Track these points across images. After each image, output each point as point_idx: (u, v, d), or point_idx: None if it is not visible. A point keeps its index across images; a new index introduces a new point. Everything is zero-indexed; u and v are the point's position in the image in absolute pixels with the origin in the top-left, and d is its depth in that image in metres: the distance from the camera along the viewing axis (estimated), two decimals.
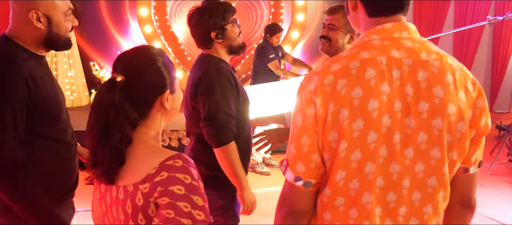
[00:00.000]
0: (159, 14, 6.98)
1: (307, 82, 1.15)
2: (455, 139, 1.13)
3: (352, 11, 1.25)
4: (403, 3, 1.18)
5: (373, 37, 1.16)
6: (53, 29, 1.78)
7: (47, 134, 1.81)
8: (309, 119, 1.12)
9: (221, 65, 2.23)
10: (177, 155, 1.20)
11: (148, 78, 1.26)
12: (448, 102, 1.10)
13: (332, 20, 2.28)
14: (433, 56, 1.13)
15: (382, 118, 1.08)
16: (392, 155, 1.11)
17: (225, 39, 2.24)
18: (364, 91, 1.08)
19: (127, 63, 1.27)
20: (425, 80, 1.10)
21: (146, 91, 1.26)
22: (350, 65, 1.11)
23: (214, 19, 2.19)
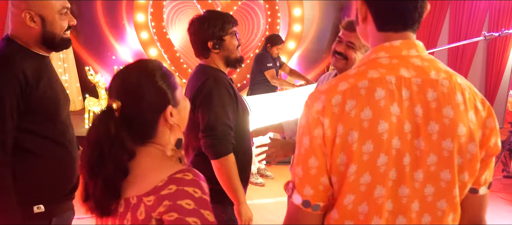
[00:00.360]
0: (155, 20, 6.98)
1: (313, 101, 1.11)
2: (466, 160, 1.09)
3: (362, 22, 1.20)
4: (414, 20, 1.13)
5: (381, 55, 1.12)
6: (47, 28, 1.80)
7: (41, 133, 1.82)
8: (317, 140, 1.07)
9: (220, 75, 2.19)
10: (188, 168, 1.15)
11: (146, 97, 1.19)
12: (458, 122, 1.07)
13: (352, 37, 2.19)
14: (442, 75, 1.10)
15: (392, 140, 1.04)
16: (401, 178, 1.07)
17: (222, 50, 2.20)
18: (374, 113, 1.04)
19: (122, 85, 1.21)
20: (435, 100, 1.07)
21: (146, 111, 1.21)
22: (358, 85, 1.06)
23: (212, 28, 2.16)
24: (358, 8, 1.19)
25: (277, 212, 4.50)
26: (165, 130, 1.24)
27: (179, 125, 1.26)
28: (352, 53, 2.19)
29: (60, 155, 1.88)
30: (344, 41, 2.21)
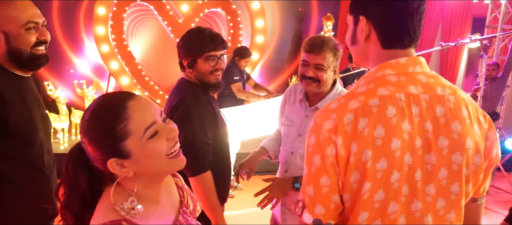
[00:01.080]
0: (116, 33, 6.85)
1: (323, 120, 1.10)
2: (471, 172, 1.12)
3: (364, 41, 1.19)
4: (417, 36, 1.16)
5: (387, 72, 1.14)
6: (12, 43, 1.74)
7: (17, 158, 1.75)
8: (330, 159, 1.07)
9: (198, 91, 2.17)
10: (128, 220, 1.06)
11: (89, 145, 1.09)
12: (466, 136, 1.10)
13: (319, 60, 2.12)
14: (447, 91, 1.13)
15: (404, 156, 1.06)
16: (414, 193, 1.08)
17: (194, 70, 2.17)
18: (386, 131, 1.05)
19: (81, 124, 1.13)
20: (443, 115, 1.09)
21: (94, 158, 1.10)
22: (369, 103, 1.07)
23: (189, 47, 2.14)
24: (358, 28, 1.19)
25: (248, 223, 4.48)
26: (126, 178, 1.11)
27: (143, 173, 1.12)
28: (323, 74, 2.14)
29: (36, 180, 1.81)
30: (312, 65, 2.15)
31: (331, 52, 2.13)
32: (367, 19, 1.16)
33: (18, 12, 1.73)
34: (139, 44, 7.76)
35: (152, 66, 7.93)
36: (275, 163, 2.51)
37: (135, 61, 7.12)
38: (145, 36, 7.80)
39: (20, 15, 1.74)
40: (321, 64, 2.12)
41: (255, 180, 2.38)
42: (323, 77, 2.14)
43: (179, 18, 7.21)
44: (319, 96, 2.23)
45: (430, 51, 3.98)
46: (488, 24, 7.81)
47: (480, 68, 7.25)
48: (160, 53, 7.87)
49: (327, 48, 2.12)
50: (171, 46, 7.53)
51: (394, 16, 1.13)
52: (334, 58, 2.15)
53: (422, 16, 1.15)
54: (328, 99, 2.21)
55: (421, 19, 1.15)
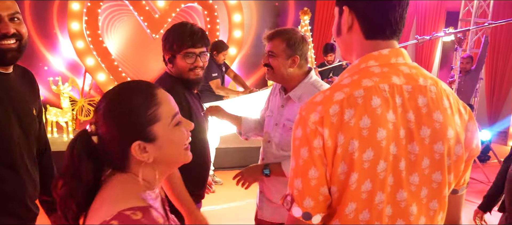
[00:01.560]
0: (91, 28, 6.73)
1: (309, 112, 1.10)
2: (452, 162, 1.14)
3: (347, 32, 1.20)
4: (400, 28, 1.17)
5: (371, 64, 1.14)
6: None
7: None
8: (317, 151, 1.07)
9: (178, 86, 2.15)
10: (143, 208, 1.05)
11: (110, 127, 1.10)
12: (447, 126, 1.11)
13: (271, 47, 2.24)
14: (429, 82, 1.14)
15: (389, 146, 1.07)
16: (399, 183, 1.09)
17: (174, 67, 2.17)
18: (372, 121, 1.06)
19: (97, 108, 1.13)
20: (425, 105, 1.10)
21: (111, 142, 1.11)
22: (355, 94, 1.08)
23: (170, 43, 2.12)
24: (342, 18, 1.20)
25: (229, 218, 4.49)
26: (141, 164, 1.12)
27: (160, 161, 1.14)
28: (273, 60, 2.23)
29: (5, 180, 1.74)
30: (267, 52, 2.27)
31: (284, 40, 2.21)
32: (350, 10, 1.18)
33: None
34: (115, 40, 7.65)
35: (128, 62, 7.83)
36: (253, 159, 2.54)
37: (111, 57, 7.01)
38: (121, 32, 7.69)
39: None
40: (271, 50, 2.24)
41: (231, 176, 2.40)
42: (273, 63, 2.24)
43: (155, 13, 7.13)
44: (292, 85, 2.29)
45: (406, 44, 4.05)
46: (461, 17, 7.96)
47: (455, 61, 7.40)
48: (136, 49, 7.78)
49: (278, 36, 2.23)
50: (148, 42, 7.45)
51: (376, 7, 1.14)
52: (288, 47, 2.21)
53: (405, 9, 1.16)
54: (300, 88, 2.26)
55: (404, 11, 1.16)
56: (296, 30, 2.31)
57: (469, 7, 7.87)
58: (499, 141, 8.74)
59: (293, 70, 2.25)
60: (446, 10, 9.53)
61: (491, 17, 7.65)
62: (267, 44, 2.28)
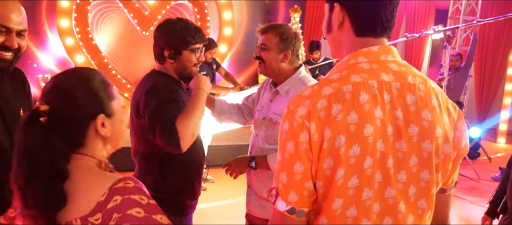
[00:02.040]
0: (80, 25, 6.69)
1: (296, 106, 1.10)
2: (441, 160, 1.14)
3: (337, 29, 1.20)
4: (390, 26, 1.17)
5: (360, 60, 1.14)
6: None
7: None
8: (303, 145, 1.07)
9: (170, 82, 2.14)
10: (125, 177, 1.09)
11: (77, 101, 1.13)
12: (436, 125, 1.11)
13: (264, 40, 2.26)
14: (418, 80, 1.14)
15: (376, 143, 1.06)
16: (387, 179, 1.09)
17: (177, 62, 2.14)
18: (360, 116, 1.05)
19: (53, 88, 1.14)
20: (414, 103, 1.10)
21: (75, 117, 1.14)
22: (343, 89, 1.08)
23: (174, 38, 2.09)
24: (333, 15, 1.20)
25: (221, 216, 4.49)
26: (95, 142, 1.17)
27: (112, 138, 1.20)
28: (265, 53, 2.25)
29: None
30: (259, 45, 2.29)
31: (277, 34, 2.24)
32: (341, 7, 1.17)
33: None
34: (104, 37, 7.60)
35: (118, 60, 7.79)
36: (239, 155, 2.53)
37: (101, 54, 6.98)
38: (110, 29, 7.64)
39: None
40: (264, 43, 2.26)
41: (224, 173, 2.40)
42: (265, 56, 2.26)
43: (145, 10, 7.10)
44: (281, 80, 2.31)
45: (396, 42, 4.07)
46: (450, 15, 8.01)
47: (444, 58, 7.45)
48: (126, 46, 7.74)
49: (272, 30, 2.25)
50: (138, 39, 7.41)
51: (367, 5, 1.14)
52: (281, 41, 2.24)
53: (395, 7, 1.16)
54: (288, 82, 2.28)
55: (395, 10, 1.16)
56: (290, 26, 2.33)
57: (458, 5, 7.92)
58: (488, 138, 8.83)
59: (284, 65, 2.27)
60: (435, 8, 9.59)
61: (480, 15, 7.71)
62: (260, 37, 2.29)
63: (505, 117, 8.64)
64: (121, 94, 6.88)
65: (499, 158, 7.31)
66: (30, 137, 1.07)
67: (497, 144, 8.56)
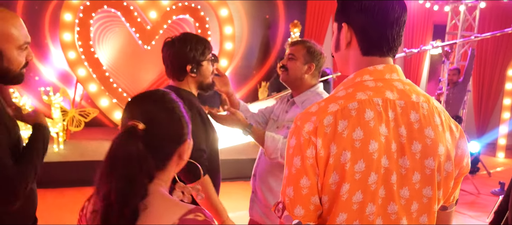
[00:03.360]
0: (82, 39, 6.75)
1: (303, 122, 1.13)
2: (442, 178, 1.16)
3: (345, 48, 1.24)
4: (396, 46, 1.21)
5: (365, 78, 1.18)
6: (3, 62, 1.63)
7: None
8: (309, 160, 1.09)
9: (192, 99, 2.16)
10: (196, 208, 1.08)
11: (169, 127, 1.14)
12: (438, 142, 1.14)
13: (292, 50, 2.37)
14: (422, 99, 1.17)
15: (381, 159, 1.09)
16: (390, 195, 1.11)
17: (198, 75, 2.18)
18: (365, 133, 1.08)
19: (144, 110, 1.13)
20: (417, 121, 1.13)
21: (166, 141, 1.14)
22: (349, 106, 1.11)
23: (194, 52, 2.12)
24: (341, 34, 1.24)
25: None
26: (172, 167, 1.18)
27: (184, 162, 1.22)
28: (292, 63, 2.34)
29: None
30: (287, 55, 2.39)
31: (305, 47, 2.36)
32: (349, 26, 1.21)
33: (17, 32, 1.64)
34: (106, 50, 7.66)
35: (120, 73, 7.84)
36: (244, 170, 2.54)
37: (103, 67, 7.03)
38: (112, 43, 7.71)
39: (18, 35, 1.64)
40: (292, 53, 2.36)
41: (227, 187, 2.41)
42: (291, 65, 2.35)
43: (147, 24, 7.17)
44: (299, 92, 2.39)
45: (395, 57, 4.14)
46: (448, 31, 8.10)
47: (442, 73, 7.51)
48: (127, 60, 7.80)
49: (301, 42, 2.39)
50: (139, 53, 7.48)
51: (374, 25, 1.18)
52: (308, 53, 2.35)
53: (402, 26, 1.20)
54: (306, 94, 2.36)
55: (401, 29, 1.20)
56: (317, 44, 2.44)
57: (455, 21, 8.02)
58: (487, 153, 8.84)
59: (307, 76, 2.35)
60: (433, 23, 9.69)
61: (477, 30, 7.80)
62: (289, 49, 2.41)
63: (504, 132, 8.67)
64: (121, 107, 6.91)
65: (498, 172, 7.32)
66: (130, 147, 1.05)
67: (496, 158, 8.57)
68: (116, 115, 6.86)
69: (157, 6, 7.16)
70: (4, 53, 1.62)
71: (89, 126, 6.90)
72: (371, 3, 1.18)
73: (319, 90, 2.38)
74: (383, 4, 1.18)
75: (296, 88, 2.39)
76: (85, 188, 5.26)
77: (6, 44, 1.62)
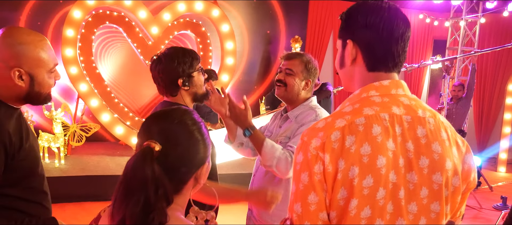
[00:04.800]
0: (84, 54, 6.79)
1: (310, 138, 1.13)
2: (450, 193, 1.16)
3: (350, 64, 1.25)
4: (401, 61, 1.22)
5: (372, 93, 1.18)
6: (35, 87, 1.64)
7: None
8: (317, 176, 1.09)
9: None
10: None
11: (187, 149, 1.10)
12: (445, 157, 1.14)
13: (290, 65, 2.34)
14: (428, 114, 1.18)
15: (389, 174, 1.09)
16: (398, 210, 1.11)
17: (191, 87, 2.18)
18: (373, 148, 1.08)
19: (162, 129, 1.09)
20: (424, 136, 1.13)
21: (183, 164, 1.11)
22: (356, 121, 1.11)
23: (182, 66, 2.12)
24: (346, 51, 1.25)
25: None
26: (189, 190, 1.15)
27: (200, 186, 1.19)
28: (290, 79, 2.33)
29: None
30: (284, 70, 2.36)
31: (302, 62, 2.34)
32: (353, 43, 1.22)
33: (46, 56, 1.64)
34: (108, 65, 7.70)
35: (121, 88, 7.87)
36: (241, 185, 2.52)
37: (104, 83, 7.05)
38: (114, 58, 7.76)
39: (48, 59, 1.65)
40: (290, 69, 2.34)
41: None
42: (290, 81, 2.33)
43: (149, 40, 7.21)
44: (294, 106, 2.38)
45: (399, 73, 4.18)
46: (448, 46, 8.14)
47: (443, 88, 7.53)
48: (129, 75, 7.84)
49: (298, 57, 2.36)
50: (140, 68, 7.51)
51: (380, 41, 1.19)
52: (305, 69, 2.34)
53: (406, 42, 1.21)
54: (299, 108, 2.36)
55: (406, 45, 1.21)
56: (313, 58, 2.43)
57: (456, 36, 8.06)
58: (489, 167, 8.83)
59: (303, 92, 2.36)
60: (433, 39, 9.74)
61: (477, 45, 7.84)
62: (285, 62, 2.37)
63: (504, 146, 8.66)
64: (123, 122, 6.92)
65: (500, 187, 7.29)
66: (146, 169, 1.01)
67: (497, 173, 8.55)
68: (118, 130, 6.86)
69: (159, 22, 7.21)
70: (36, 78, 1.63)
71: (91, 141, 6.91)
72: (376, 19, 1.19)
73: (312, 104, 2.38)
74: (388, 20, 1.19)
75: (292, 103, 2.40)
76: (86, 203, 5.28)
77: (37, 69, 1.63)
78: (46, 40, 1.68)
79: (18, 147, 1.61)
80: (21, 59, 1.59)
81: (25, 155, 1.65)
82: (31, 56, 1.60)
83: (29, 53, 1.60)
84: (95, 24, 6.86)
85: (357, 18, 1.22)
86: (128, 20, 7.03)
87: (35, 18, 7.06)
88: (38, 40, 1.63)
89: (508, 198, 6.04)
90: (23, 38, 1.60)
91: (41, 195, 1.77)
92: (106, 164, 6.08)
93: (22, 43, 1.59)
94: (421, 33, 9.56)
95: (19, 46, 1.58)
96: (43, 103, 1.74)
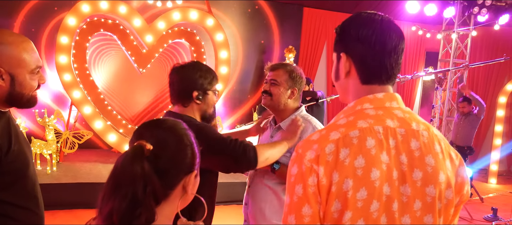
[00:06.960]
0: (78, 62, 6.79)
1: (305, 150, 1.13)
2: (443, 205, 1.16)
3: (344, 77, 1.25)
4: (395, 74, 1.22)
5: (366, 106, 1.19)
6: (16, 87, 1.64)
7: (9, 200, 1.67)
8: (311, 188, 1.09)
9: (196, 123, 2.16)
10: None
11: (177, 152, 1.12)
12: (439, 170, 1.14)
13: (274, 76, 2.39)
14: (421, 127, 1.18)
15: (383, 187, 1.09)
16: (392, 223, 1.11)
17: (203, 102, 2.19)
18: (367, 161, 1.08)
19: (154, 134, 1.11)
20: (418, 149, 1.13)
21: (173, 167, 1.11)
22: (350, 134, 1.11)
23: (202, 79, 2.15)
24: (340, 64, 1.26)
25: None
26: (176, 199, 1.14)
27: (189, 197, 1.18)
28: (275, 88, 2.37)
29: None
30: (268, 81, 2.41)
31: (286, 71, 2.39)
32: (347, 56, 1.23)
33: (28, 56, 1.65)
34: (102, 73, 7.71)
35: (114, 95, 7.87)
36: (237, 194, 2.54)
37: (98, 90, 7.04)
38: (108, 65, 7.77)
39: (30, 60, 1.65)
40: (274, 79, 2.39)
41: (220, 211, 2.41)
42: (274, 91, 2.38)
43: (143, 48, 7.23)
44: (283, 117, 2.42)
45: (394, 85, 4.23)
46: (440, 58, 8.21)
47: (435, 99, 7.58)
48: (122, 83, 7.84)
49: (282, 67, 2.42)
50: (134, 76, 7.51)
51: (373, 54, 1.20)
52: (290, 78, 2.38)
53: (400, 54, 1.22)
54: (289, 119, 2.40)
55: (399, 57, 1.22)
56: (297, 67, 2.47)
57: (448, 48, 8.15)
58: (480, 179, 8.89)
59: (290, 101, 2.39)
60: (425, 50, 9.85)
61: (469, 57, 7.92)
62: (269, 73, 2.42)
63: (495, 158, 8.73)
64: (115, 129, 6.91)
65: (490, 198, 7.34)
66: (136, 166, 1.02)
67: (488, 184, 8.61)
68: (111, 137, 6.84)
69: (154, 30, 7.23)
70: (16, 78, 1.64)
71: (83, 148, 6.89)
72: (368, 32, 1.19)
73: (303, 114, 2.42)
74: (380, 33, 1.19)
75: (280, 112, 2.43)
76: (78, 210, 5.25)
77: (17, 69, 1.63)
78: (29, 41, 1.68)
79: (5, 150, 1.62)
80: (1, 58, 1.60)
81: (14, 158, 1.65)
82: (12, 56, 1.61)
83: (9, 52, 1.60)
84: (89, 32, 6.86)
85: (350, 31, 1.23)
86: (123, 28, 7.04)
87: (29, 25, 7.07)
88: (20, 41, 1.65)
89: (498, 209, 6.07)
90: (5, 38, 1.61)
91: (33, 200, 1.77)
92: (98, 172, 6.05)
93: (3, 43, 1.60)
94: (414, 45, 9.67)
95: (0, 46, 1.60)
96: (27, 106, 1.73)
